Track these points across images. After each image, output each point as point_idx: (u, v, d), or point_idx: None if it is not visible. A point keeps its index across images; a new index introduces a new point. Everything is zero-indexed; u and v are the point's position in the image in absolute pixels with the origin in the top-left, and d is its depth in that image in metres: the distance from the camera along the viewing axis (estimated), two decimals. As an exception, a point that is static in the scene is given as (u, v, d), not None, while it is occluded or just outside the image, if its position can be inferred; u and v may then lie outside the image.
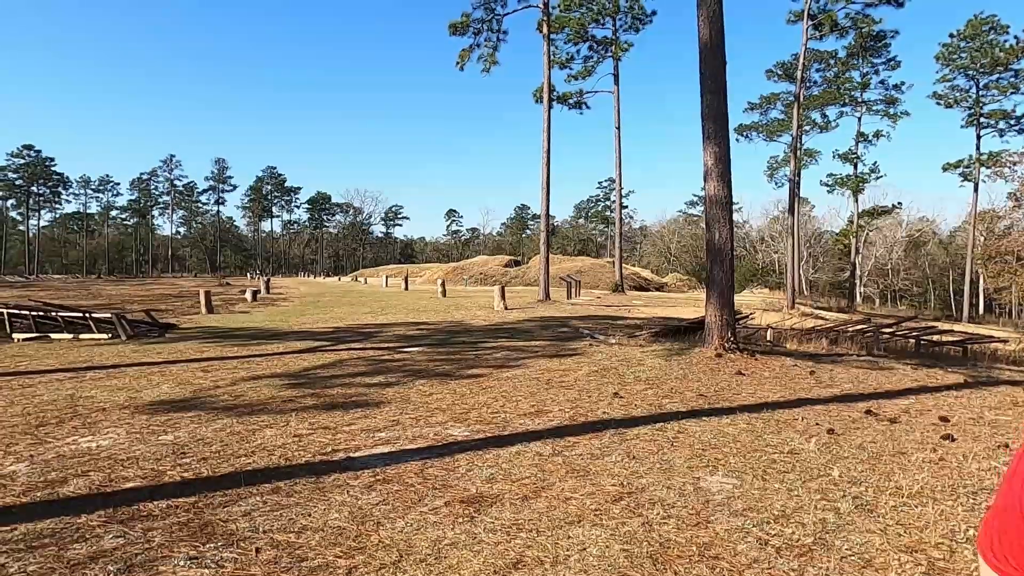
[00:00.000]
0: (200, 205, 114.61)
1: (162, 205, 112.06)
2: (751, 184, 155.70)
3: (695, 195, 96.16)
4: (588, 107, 39.58)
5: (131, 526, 3.37)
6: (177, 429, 5.39)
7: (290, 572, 2.88)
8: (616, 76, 38.46)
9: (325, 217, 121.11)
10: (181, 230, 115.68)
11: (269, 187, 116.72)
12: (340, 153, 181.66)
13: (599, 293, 37.39)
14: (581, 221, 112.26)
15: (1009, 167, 37.29)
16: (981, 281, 52.34)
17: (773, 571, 2.93)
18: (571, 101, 39.13)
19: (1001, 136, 46.11)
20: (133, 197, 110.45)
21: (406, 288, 38.88)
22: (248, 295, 27.30)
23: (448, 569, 2.91)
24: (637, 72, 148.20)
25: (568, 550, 3.12)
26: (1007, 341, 16.97)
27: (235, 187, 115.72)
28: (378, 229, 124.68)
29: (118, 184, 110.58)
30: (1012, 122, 44.92)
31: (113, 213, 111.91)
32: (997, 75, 43.79)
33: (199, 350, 10.58)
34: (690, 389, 7.33)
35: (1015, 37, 35.01)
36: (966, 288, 50.97)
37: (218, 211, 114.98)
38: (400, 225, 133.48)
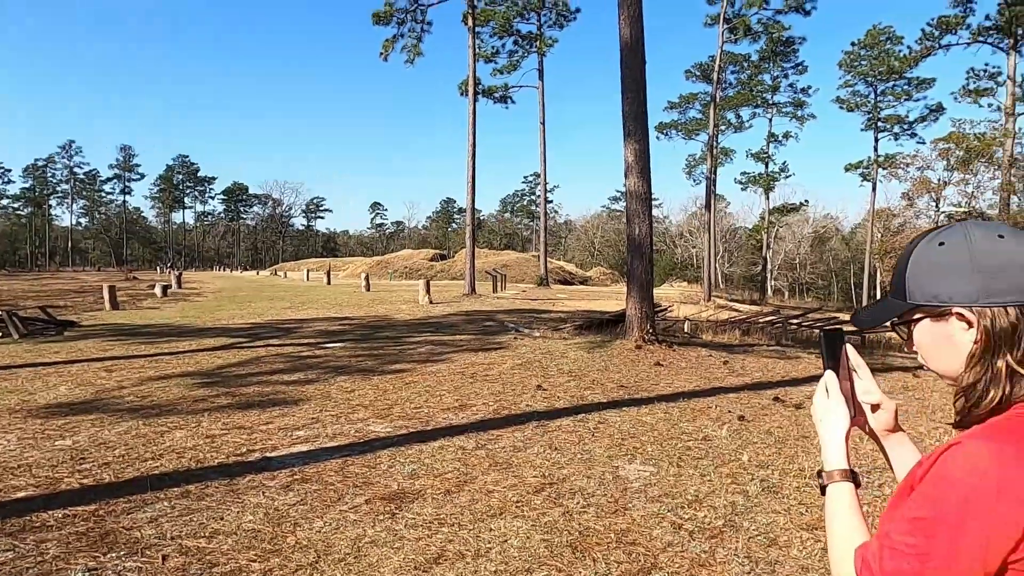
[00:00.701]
0: (104, 195, 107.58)
1: (60, 194, 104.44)
2: (671, 181, 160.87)
3: (618, 191, 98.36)
4: (513, 101, 39.75)
5: (22, 539, 3.14)
6: (76, 433, 5.05)
7: (200, 579, 2.76)
8: (541, 71, 38.80)
9: (242, 209, 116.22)
10: (83, 221, 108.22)
11: (181, 176, 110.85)
12: (259, 143, 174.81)
13: (524, 287, 37.71)
14: (507, 215, 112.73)
15: (903, 168, 40.17)
16: (879, 275, 56.15)
17: (686, 553, 3.05)
18: (497, 95, 39.17)
19: (896, 140, 49.47)
20: (27, 185, 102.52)
21: (328, 282, 37.92)
22: (158, 290, 25.90)
23: (368, 568, 2.87)
24: (562, 68, 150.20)
25: (490, 543, 3.14)
26: (900, 330, 18.22)
27: (143, 176, 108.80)
28: (299, 222, 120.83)
29: (9, 171, 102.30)
30: (905, 127, 48.26)
31: (4, 202, 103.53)
32: (892, 82, 46.90)
33: (102, 348, 9.95)
34: (611, 380, 7.51)
35: (908, 47, 37.67)
36: (865, 281, 54.60)
37: (124, 201, 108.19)
38: (322, 218, 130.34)
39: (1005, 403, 0.84)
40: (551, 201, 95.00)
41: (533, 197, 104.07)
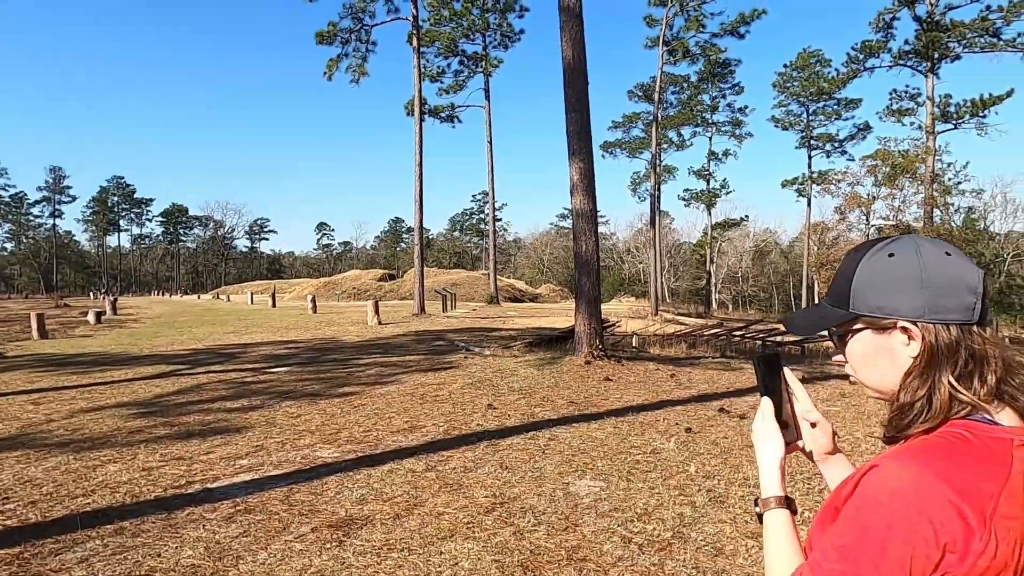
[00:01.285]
0: (32, 218, 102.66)
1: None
2: (617, 198, 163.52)
3: (566, 208, 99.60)
4: (460, 121, 39.94)
5: (-63, 587, 2.93)
6: (-1, 471, 4.77)
7: (134, 620, 2.63)
8: (487, 91, 39.16)
9: (182, 231, 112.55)
10: (8, 246, 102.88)
11: (116, 198, 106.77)
12: (200, 164, 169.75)
13: (474, 305, 37.65)
14: (456, 234, 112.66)
15: (835, 184, 41.96)
16: (816, 286, 58.38)
17: (636, 567, 3.07)
18: (443, 115, 39.30)
19: (828, 157, 51.90)
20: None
21: (274, 305, 37.01)
22: (91, 317, 24.77)
23: (314, 599, 2.79)
24: (509, 87, 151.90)
25: (440, 566, 3.10)
26: (837, 339, 18.95)
27: (75, 198, 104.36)
28: (242, 244, 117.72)
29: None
30: (836, 144, 50.71)
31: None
32: (823, 102, 49.24)
33: (29, 380, 9.44)
34: (561, 397, 7.55)
35: (836, 70, 39.65)
36: (804, 293, 56.70)
37: (54, 225, 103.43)
38: (267, 239, 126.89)
39: (939, 421, 0.84)
40: (500, 219, 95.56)
41: (482, 215, 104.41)
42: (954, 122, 30.78)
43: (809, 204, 52.52)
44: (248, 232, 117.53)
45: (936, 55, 29.37)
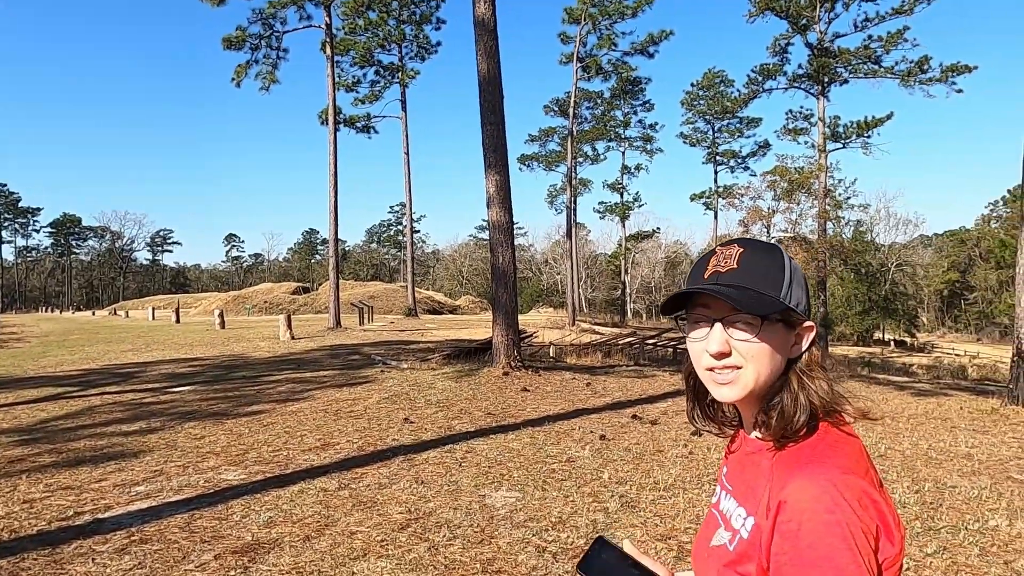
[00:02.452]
0: None
1: None
2: (535, 209, 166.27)
3: (484, 220, 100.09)
4: (376, 131, 39.40)
5: None
6: None
7: (9, 668, 2.41)
8: (404, 102, 38.84)
9: (74, 243, 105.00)
10: None
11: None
12: (95, 172, 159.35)
13: (393, 318, 37.10)
14: (374, 246, 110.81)
15: (738, 198, 44.37)
16: (722, 295, 61.10)
17: (550, 576, 3.10)
18: (359, 125, 38.66)
19: (732, 172, 54.78)
20: None
21: (177, 320, 35.07)
22: (-33, 337, 22.65)
23: (215, 630, 2.65)
24: (427, 98, 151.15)
25: (352, 587, 3.01)
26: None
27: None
28: (143, 256, 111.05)
29: None
30: (739, 160, 53.59)
31: None
32: (727, 120, 51.95)
33: None
34: (479, 408, 7.55)
35: (738, 90, 41.98)
36: (712, 301, 59.25)
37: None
38: (170, 251, 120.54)
39: (814, 420, 0.88)
40: (418, 231, 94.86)
41: (400, 227, 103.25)
42: (842, 141, 33.15)
43: (716, 217, 55.16)
44: (150, 244, 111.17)
45: (826, 79, 31.59)
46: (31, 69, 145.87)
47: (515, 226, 11.07)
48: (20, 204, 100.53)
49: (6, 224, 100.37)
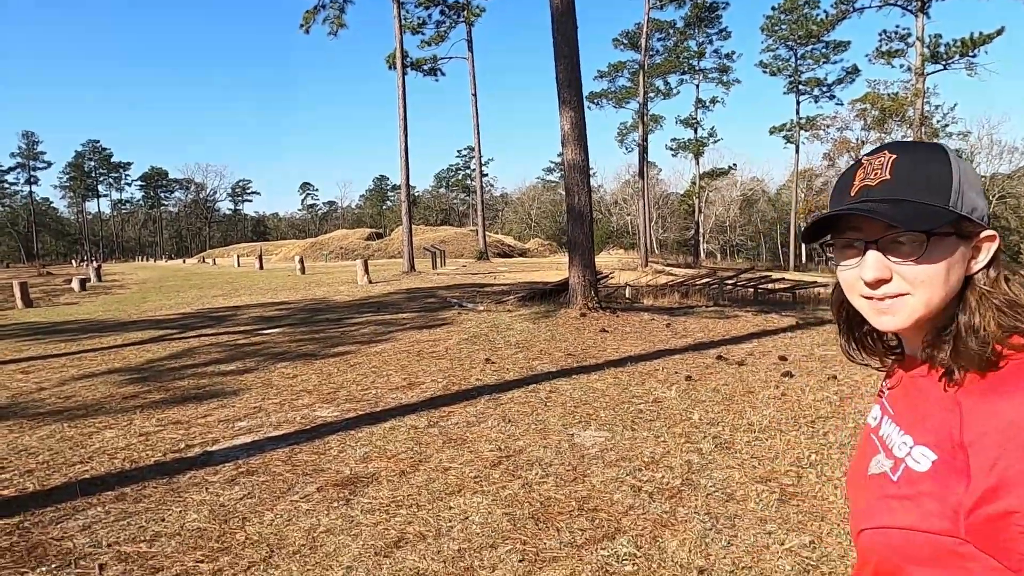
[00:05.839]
0: (7, 185, 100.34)
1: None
2: (604, 149, 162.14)
3: (552, 161, 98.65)
4: (443, 74, 39.00)
5: (-64, 560, 2.86)
6: (-8, 441, 4.67)
7: (142, 586, 2.58)
8: (470, 42, 38.13)
9: (163, 195, 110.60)
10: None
11: (93, 163, 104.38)
12: (178, 126, 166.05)
13: (464, 262, 37.51)
14: (442, 191, 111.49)
15: (823, 130, 41.73)
16: (803, 233, 58.44)
17: (648, 515, 3.05)
18: (426, 67, 38.30)
19: (816, 102, 51.39)
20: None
21: (261, 267, 36.67)
22: (75, 284, 24.42)
23: (325, 558, 2.75)
24: (494, 38, 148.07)
25: (450, 521, 3.06)
26: (827, 285, 19.10)
27: (50, 164, 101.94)
28: (225, 206, 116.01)
29: None
30: (824, 89, 50.14)
31: None
32: (811, 46, 48.50)
33: (16, 349, 9.28)
34: (559, 349, 7.52)
35: (824, 11, 38.89)
36: (791, 240, 56.87)
37: (31, 192, 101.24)
38: (250, 201, 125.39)
39: (1000, 340, 0.75)
40: (486, 174, 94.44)
41: (468, 171, 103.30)
42: (943, 63, 30.36)
43: (797, 151, 52.26)
44: (231, 194, 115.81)
45: (927, -7, 28.83)
46: (112, 32, 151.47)
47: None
48: (112, 159, 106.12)
49: (101, 178, 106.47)
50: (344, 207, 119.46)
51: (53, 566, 2.77)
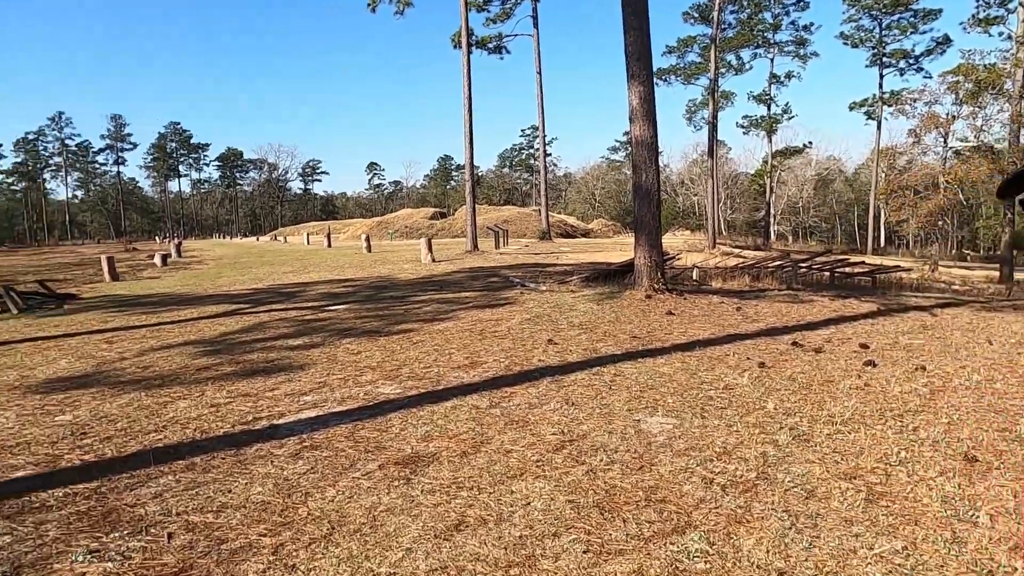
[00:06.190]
0: (97, 166, 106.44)
1: (53, 167, 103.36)
2: (671, 128, 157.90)
3: (617, 140, 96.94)
4: (508, 51, 38.72)
5: (20, 520, 2.98)
6: (76, 408, 4.89)
7: (207, 557, 2.60)
8: (535, 18, 37.60)
9: (238, 175, 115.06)
10: (78, 194, 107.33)
11: (174, 144, 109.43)
12: (251, 109, 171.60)
13: (527, 241, 37.38)
14: (506, 170, 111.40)
15: (909, 104, 39.18)
16: (883, 215, 55.53)
17: (720, 510, 2.88)
18: (491, 46, 38.10)
19: (902, 75, 48.43)
20: (19, 160, 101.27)
21: (329, 245, 37.64)
22: (157, 260, 25.69)
23: (385, 538, 2.71)
24: (559, 13, 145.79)
25: (512, 506, 2.97)
26: (910, 270, 18.02)
27: (135, 145, 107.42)
28: (296, 185, 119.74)
29: (0, 145, 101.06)
30: (911, 61, 47.14)
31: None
32: (898, 15, 45.59)
33: (102, 320, 9.78)
34: (623, 331, 7.32)
35: (914, -23, 36.41)
36: (870, 222, 54.07)
37: (119, 172, 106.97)
38: (319, 180, 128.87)
39: None
40: (550, 154, 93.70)
41: (532, 150, 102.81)
42: (1050, 29, 27.84)
43: (879, 127, 49.49)
44: (301, 174, 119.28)
45: (1033, -47, 26.44)
46: (182, 15, 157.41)
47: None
48: (192, 140, 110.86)
49: (182, 159, 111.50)
50: (409, 187, 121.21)
51: (125, 532, 2.84)
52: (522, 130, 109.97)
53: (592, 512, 2.88)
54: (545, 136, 41.05)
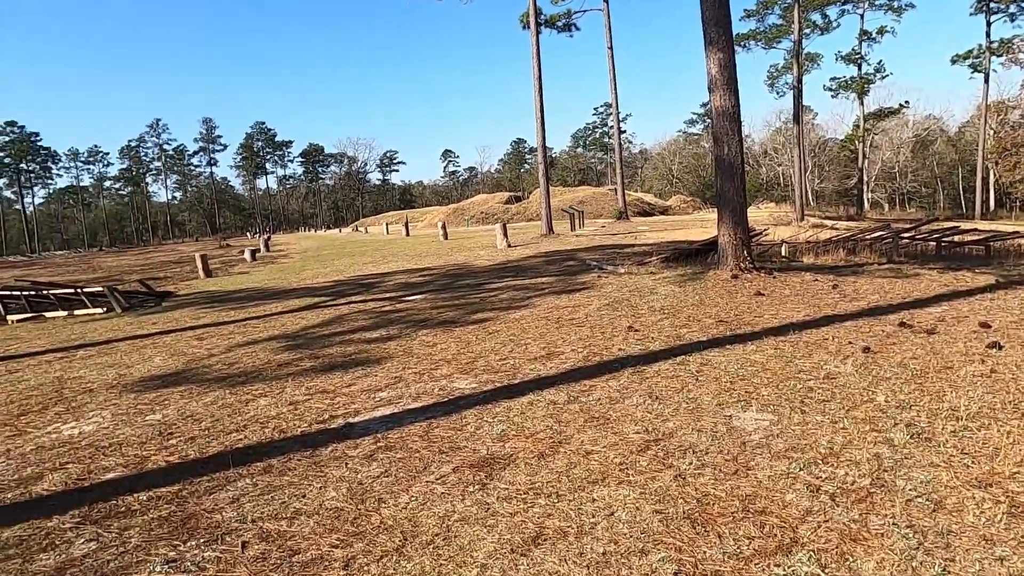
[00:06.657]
0: (192, 168, 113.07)
1: (154, 171, 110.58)
2: (751, 96, 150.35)
3: (694, 113, 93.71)
4: (578, 28, 37.89)
5: (106, 526, 3.02)
6: (166, 406, 5.04)
7: (279, 571, 2.52)
8: (605, -8, 36.55)
9: (320, 169, 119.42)
10: (177, 195, 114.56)
11: (260, 143, 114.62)
12: (329, 104, 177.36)
13: (603, 222, 36.72)
14: (579, 150, 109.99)
15: (1023, 53, 35.59)
16: (992, 176, 51.04)
17: (831, 524, 2.55)
18: (559, 24, 37.38)
19: (1012, 21, 43.93)
20: (124, 166, 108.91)
21: (407, 234, 38.32)
22: (247, 255, 26.89)
23: (458, 552, 2.55)
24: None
25: (594, 516, 2.75)
26: (1030, 235, 16.33)
27: (225, 146, 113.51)
28: (375, 177, 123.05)
29: (107, 154, 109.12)
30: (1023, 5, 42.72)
31: (106, 184, 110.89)
32: (1007, -46, 41.38)
33: (195, 317, 10.22)
34: (708, 315, 6.91)
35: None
36: (977, 185, 49.76)
37: (211, 172, 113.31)
38: (396, 171, 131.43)
39: None
40: (624, 131, 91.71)
41: (605, 128, 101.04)
42: None
43: (986, 80, 45.27)
44: (379, 165, 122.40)
45: None
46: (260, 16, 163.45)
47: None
48: (276, 139, 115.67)
49: (268, 157, 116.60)
50: (484, 172, 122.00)
51: (202, 540, 2.81)
52: (595, 108, 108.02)
53: (683, 525, 2.62)
54: (619, 113, 40.03)
